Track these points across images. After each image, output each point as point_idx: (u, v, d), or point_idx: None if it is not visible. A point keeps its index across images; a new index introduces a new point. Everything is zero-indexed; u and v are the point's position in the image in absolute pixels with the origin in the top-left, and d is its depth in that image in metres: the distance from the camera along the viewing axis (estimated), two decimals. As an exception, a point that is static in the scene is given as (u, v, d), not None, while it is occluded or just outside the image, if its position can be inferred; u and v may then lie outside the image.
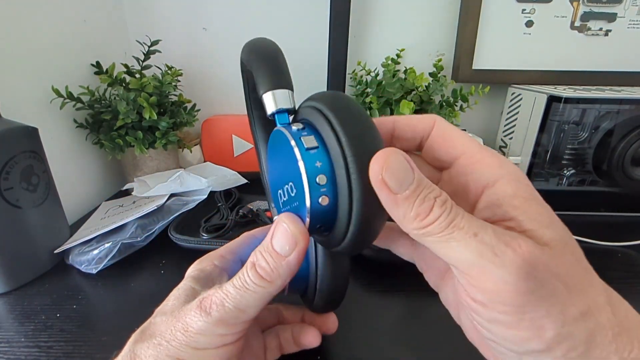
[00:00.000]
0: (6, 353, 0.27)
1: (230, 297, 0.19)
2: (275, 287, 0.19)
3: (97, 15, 0.56)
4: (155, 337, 0.19)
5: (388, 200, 0.15)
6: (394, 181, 0.15)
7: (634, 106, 0.45)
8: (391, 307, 0.32)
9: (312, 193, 0.16)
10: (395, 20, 0.63)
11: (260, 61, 0.21)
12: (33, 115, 0.43)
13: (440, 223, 0.14)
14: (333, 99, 0.17)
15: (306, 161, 0.16)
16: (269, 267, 0.19)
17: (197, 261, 0.24)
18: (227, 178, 0.55)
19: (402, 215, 0.15)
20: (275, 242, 0.19)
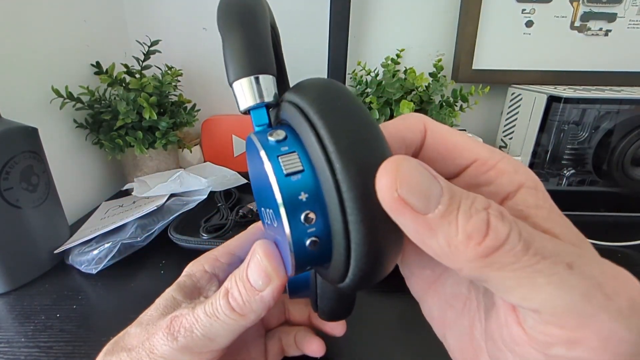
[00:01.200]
0: (6, 353, 0.27)
1: (199, 323, 0.17)
2: (249, 321, 0.17)
3: (97, 15, 0.56)
4: (124, 352, 0.18)
5: (417, 226, 0.10)
6: (417, 197, 0.10)
7: (634, 106, 0.45)
8: (391, 307, 0.32)
9: (295, 236, 0.12)
10: (395, 20, 0.63)
11: (229, 31, 0.15)
12: (33, 115, 0.43)
13: (514, 249, 0.10)
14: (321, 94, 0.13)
15: (286, 194, 0.12)
16: (241, 299, 0.17)
17: (191, 263, 0.23)
18: (227, 178, 0.55)
19: (446, 244, 0.10)
20: (250, 273, 0.17)
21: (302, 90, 0.13)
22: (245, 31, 0.15)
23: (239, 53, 0.15)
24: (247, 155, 0.17)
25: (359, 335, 0.29)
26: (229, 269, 0.23)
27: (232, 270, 0.23)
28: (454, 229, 0.10)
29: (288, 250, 0.13)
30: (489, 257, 0.10)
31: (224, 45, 0.15)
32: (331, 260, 0.13)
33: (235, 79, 0.15)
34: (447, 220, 0.10)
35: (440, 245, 0.10)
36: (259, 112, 0.15)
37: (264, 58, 0.15)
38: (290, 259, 0.13)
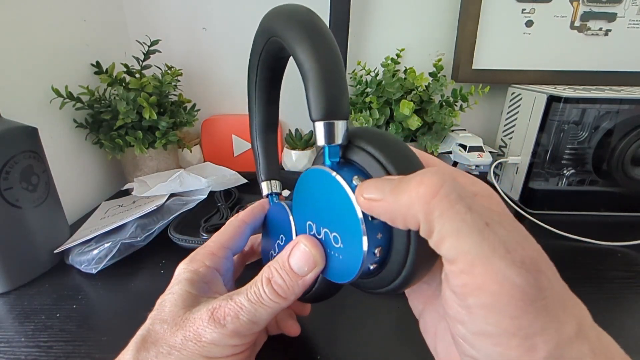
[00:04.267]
0: (6, 353, 0.27)
1: (245, 310, 0.19)
2: (289, 303, 0.20)
3: (97, 15, 0.56)
4: (162, 346, 0.19)
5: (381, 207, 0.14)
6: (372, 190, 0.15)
7: (633, 106, 0.45)
8: (391, 307, 0.32)
9: (365, 262, 0.16)
10: (395, 20, 0.63)
11: (319, 65, 0.16)
12: (33, 115, 0.43)
13: (449, 195, 0.13)
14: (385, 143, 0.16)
15: (369, 233, 0.15)
16: (286, 285, 0.19)
17: (187, 261, 0.23)
18: (226, 178, 0.55)
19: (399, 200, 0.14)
20: (293, 262, 0.19)
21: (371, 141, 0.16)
22: (336, 71, 0.17)
23: (330, 94, 0.16)
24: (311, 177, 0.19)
25: (359, 335, 0.29)
26: (226, 262, 0.24)
27: (228, 263, 0.24)
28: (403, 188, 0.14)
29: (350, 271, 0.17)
30: (431, 202, 0.13)
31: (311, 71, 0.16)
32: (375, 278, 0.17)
33: (321, 119, 0.16)
34: (397, 188, 0.14)
35: (399, 208, 0.14)
36: (334, 149, 0.17)
37: (346, 104, 0.17)
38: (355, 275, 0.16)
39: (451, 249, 0.13)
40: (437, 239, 0.13)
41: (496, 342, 0.12)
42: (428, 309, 0.19)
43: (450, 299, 0.13)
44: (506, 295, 0.12)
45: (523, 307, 0.12)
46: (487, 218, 0.13)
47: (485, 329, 0.12)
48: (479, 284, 0.12)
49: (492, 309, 0.12)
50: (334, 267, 0.18)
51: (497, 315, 0.12)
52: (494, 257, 0.12)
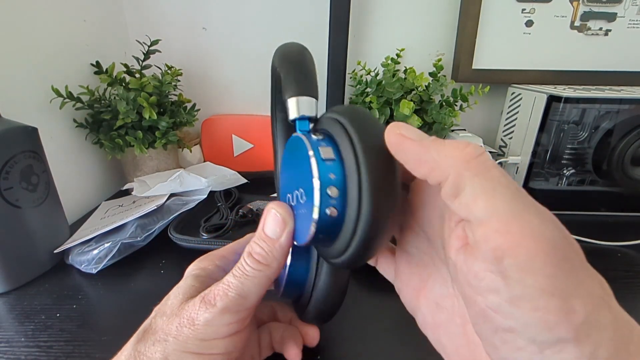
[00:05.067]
0: (6, 353, 0.27)
1: (232, 286, 0.20)
2: (272, 270, 0.20)
3: (97, 15, 0.56)
4: (158, 334, 0.19)
5: (414, 148, 0.14)
6: (413, 133, 0.15)
7: (633, 106, 0.45)
8: (391, 307, 0.32)
9: (321, 203, 0.16)
10: (395, 20, 0.63)
11: (289, 66, 0.22)
12: (33, 115, 0.43)
13: (486, 161, 0.13)
14: (354, 114, 0.17)
15: (321, 171, 0.16)
16: (264, 251, 0.20)
17: (197, 260, 0.24)
18: (226, 178, 0.55)
19: (436, 153, 0.14)
20: (266, 229, 0.20)
21: (338, 111, 0.18)
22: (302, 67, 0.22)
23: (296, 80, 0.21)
24: (286, 151, 0.21)
25: (358, 335, 0.29)
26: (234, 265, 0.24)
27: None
28: (443, 144, 0.14)
29: (311, 219, 0.17)
30: (470, 162, 0.13)
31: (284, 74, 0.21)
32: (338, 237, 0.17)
33: (290, 96, 0.20)
34: (437, 141, 0.14)
35: (433, 157, 0.14)
36: (303, 122, 0.20)
37: (312, 87, 0.21)
38: (312, 225, 0.17)
39: (485, 208, 0.12)
40: (468, 199, 0.13)
41: (535, 306, 0.12)
42: (422, 302, 0.19)
43: (479, 269, 0.13)
44: (542, 252, 0.12)
45: (558, 265, 0.12)
46: (516, 184, 0.13)
47: (523, 292, 0.12)
48: (515, 243, 0.12)
49: (530, 269, 0.12)
50: (300, 225, 0.19)
51: (534, 275, 0.11)
52: (529, 214, 0.12)
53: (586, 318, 0.11)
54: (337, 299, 0.24)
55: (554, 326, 0.12)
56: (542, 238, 0.12)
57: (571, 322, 0.11)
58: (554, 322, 0.11)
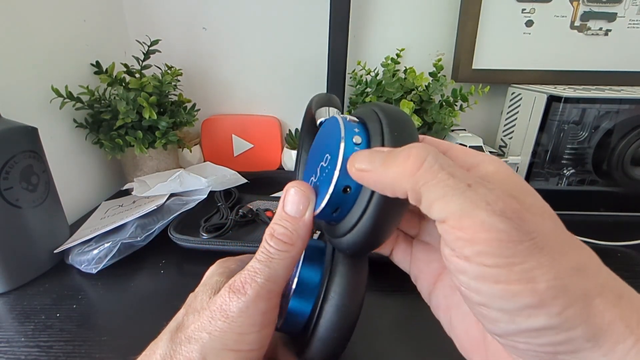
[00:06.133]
0: (6, 353, 0.27)
1: (258, 271, 0.19)
2: (297, 250, 0.20)
3: (97, 15, 0.56)
4: (192, 330, 0.18)
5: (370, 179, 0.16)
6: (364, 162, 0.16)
7: (633, 106, 0.45)
8: (391, 307, 0.32)
9: (340, 175, 0.17)
10: (395, 20, 0.63)
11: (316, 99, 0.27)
12: (33, 115, 0.43)
13: (432, 167, 0.14)
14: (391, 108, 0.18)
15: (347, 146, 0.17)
16: (288, 230, 0.19)
17: (219, 261, 0.24)
18: (226, 178, 0.55)
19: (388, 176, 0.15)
20: (288, 208, 0.19)
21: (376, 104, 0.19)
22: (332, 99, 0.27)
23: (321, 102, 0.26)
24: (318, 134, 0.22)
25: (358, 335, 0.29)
26: None
27: None
28: (390, 165, 0.15)
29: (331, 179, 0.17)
30: (415, 175, 0.14)
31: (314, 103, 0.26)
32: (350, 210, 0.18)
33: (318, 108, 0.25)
34: (385, 165, 0.15)
35: (388, 180, 0.15)
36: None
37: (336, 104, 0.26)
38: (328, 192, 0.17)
39: (440, 211, 0.14)
40: (426, 206, 0.15)
41: (497, 280, 0.13)
42: (439, 286, 0.20)
43: (449, 255, 0.14)
44: (495, 240, 0.13)
45: (513, 248, 0.13)
46: (468, 180, 0.14)
47: (484, 271, 0.13)
48: (469, 235, 0.13)
49: (487, 253, 0.13)
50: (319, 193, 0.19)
51: (492, 257, 0.13)
52: (476, 210, 0.13)
53: (550, 284, 0.13)
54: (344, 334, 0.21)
55: (517, 294, 0.13)
56: (493, 229, 0.13)
57: (534, 289, 0.13)
58: (516, 290, 0.13)
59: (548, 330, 0.13)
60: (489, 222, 0.13)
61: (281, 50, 0.65)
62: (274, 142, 0.67)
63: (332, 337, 0.20)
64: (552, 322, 0.13)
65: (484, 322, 0.15)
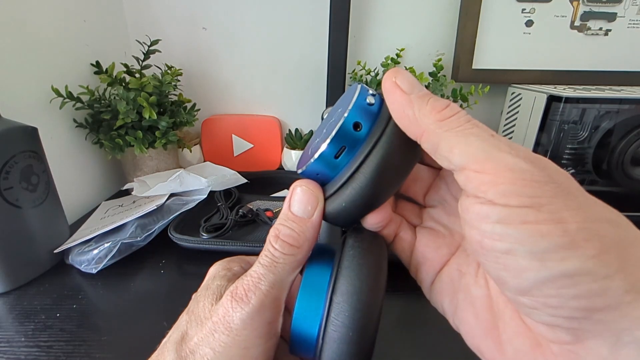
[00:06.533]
0: (6, 353, 0.27)
1: (262, 277, 0.17)
2: (304, 253, 0.18)
3: (97, 15, 0.56)
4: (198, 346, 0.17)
5: (401, 99, 0.15)
6: (405, 84, 0.16)
7: (633, 106, 0.45)
8: (392, 307, 0.32)
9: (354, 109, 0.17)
10: (395, 20, 0.63)
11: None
12: (33, 115, 0.43)
13: (460, 118, 0.14)
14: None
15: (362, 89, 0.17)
16: (295, 232, 0.18)
17: (221, 261, 0.22)
18: (226, 178, 0.55)
19: (417, 110, 0.15)
20: (294, 208, 0.18)
21: None
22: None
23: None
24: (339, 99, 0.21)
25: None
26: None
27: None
28: (424, 103, 0.15)
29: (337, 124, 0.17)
30: (444, 121, 0.14)
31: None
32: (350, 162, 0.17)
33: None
34: (422, 99, 0.15)
35: (414, 112, 0.15)
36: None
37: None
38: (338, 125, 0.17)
39: (462, 156, 0.14)
40: (445, 151, 0.14)
41: (524, 220, 0.12)
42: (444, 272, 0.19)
43: (470, 204, 0.14)
44: (520, 179, 0.12)
45: (539, 188, 0.12)
46: (491, 132, 0.14)
47: (510, 212, 0.12)
48: (493, 177, 0.13)
49: (512, 193, 0.12)
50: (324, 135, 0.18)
51: (517, 197, 0.12)
52: (501, 153, 0.13)
53: (581, 226, 0.12)
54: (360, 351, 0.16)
55: (547, 233, 0.12)
56: (517, 169, 0.13)
57: (565, 230, 0.12)
58: (546, 230, 0.12)
59: (583, 276, 0.12)
60: (513, 162, 0.13)
61: (281, 50, 0.65)
62: (274, 142, 0.67)
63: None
64: (587, 265, 0.11)
65: (508, 279, 0.13)
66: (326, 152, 0.17)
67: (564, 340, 0.13)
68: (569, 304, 0.12)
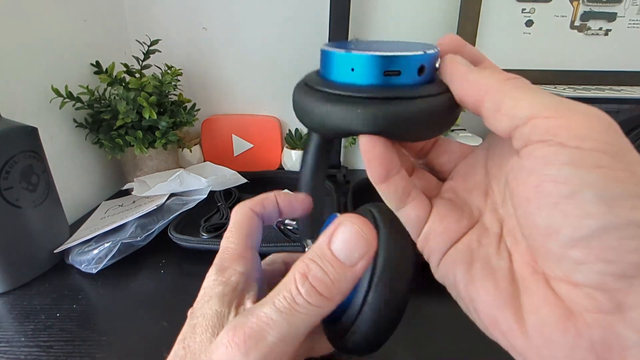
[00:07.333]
0: (6, 352, 0.27)
1: (273, 324, 0.14)
2: (333, 305, 0.15)
3: (97, 15, 0.56)
4: None
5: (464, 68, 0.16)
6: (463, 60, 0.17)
7: (634, 106, 0.45)
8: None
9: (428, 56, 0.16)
10: (395, 20, 0.63)
11: None
12: (33, 115, 0.43)
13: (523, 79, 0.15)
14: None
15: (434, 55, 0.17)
16: (330, 279, 0.14)
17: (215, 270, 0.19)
18: (226, 178, 0.55)
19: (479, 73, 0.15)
20: (337, 247, 0.15)
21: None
22: None
23: None
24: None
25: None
26: (255, 263, 0.20)
27: (258, 264, 0.20)
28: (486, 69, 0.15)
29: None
30: (509, 80, 0.14)
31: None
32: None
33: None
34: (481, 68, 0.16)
35: (475, 77, 0.15)
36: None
37: None
38: (416, 52, 0.16)
39: (529, 106, 0.13)
40: (510, 106, 0.14)
41: (597, 164, 0.11)
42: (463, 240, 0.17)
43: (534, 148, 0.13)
44: (596, 123, 0.12)
45: (614, 136, 0.12)
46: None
47: (583, 154, 0.12)
48: (569, 120, 0.12)
49: (586, 136, 0.12)
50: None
51: (592, 141, 0.12)
52: (575, 104, 0.13)
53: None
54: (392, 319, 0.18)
55: (622, 180, 0.11)
56: (593, 115, 0.12)
57: (638, 181, 0.11)
58: (622, 176, 0.11)
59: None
60: (590, 109, 0.13)
61: (281, 50, 0.65)
62: (274, 142, 0.67)
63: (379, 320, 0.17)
64: None
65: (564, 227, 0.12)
66: (394, 59, 0.15)
67: (604, 308, 0.12)
68: (627, 258, 0.11)
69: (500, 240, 0.16)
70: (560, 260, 0.13)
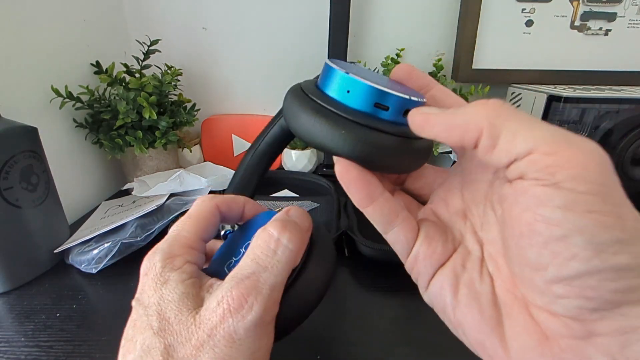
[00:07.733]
0: (6, 352, 0.27)
1: (262, 281, 0.16)
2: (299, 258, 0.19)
3: (97, 15, 0.56)
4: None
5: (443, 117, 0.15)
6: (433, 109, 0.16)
7: (633, 106, 0.45)
8: (391, 307, 0.32)
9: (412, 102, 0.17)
10: (395, 20, 0.63)
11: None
12: (33, 115, 0.43)
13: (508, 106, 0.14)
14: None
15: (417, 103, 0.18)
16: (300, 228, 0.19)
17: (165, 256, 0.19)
18: (226, 178, 0.55)
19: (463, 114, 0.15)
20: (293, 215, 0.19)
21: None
22: None
23: None
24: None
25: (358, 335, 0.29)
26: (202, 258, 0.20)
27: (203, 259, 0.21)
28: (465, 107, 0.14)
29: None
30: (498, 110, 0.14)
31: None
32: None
33: None
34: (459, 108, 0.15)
35: (462, 120, 0.14)
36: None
37: None
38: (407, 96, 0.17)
39: (527, 140, 0.13)
40: (507, 141, 0.13)
41: (589, 209, 0.12)
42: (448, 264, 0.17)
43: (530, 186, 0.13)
44: (594, 163, 0.12)
45: (609, 177, 0.12)
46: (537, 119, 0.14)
47: (576, 197, 0.12)
48: (566, 158, 0.12)
49: (582, 177, 0.12)
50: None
51: (587, 183, 0.12)
52: (573, 137, 0.13)
53: (635, 225, 0.12)
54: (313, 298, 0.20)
55: (610, 226, 0.12)
56: (591, 153, 0.12)
57: (624, 225, 0.12)
58: (610, 222, 0.12)
59: (628, 272, 0.12)
60: (589, 146, 0.12)
61: (281, 50, 0.65)
62: (274, 142, 0.67)
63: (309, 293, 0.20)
64: (636, 262, 0.12)
65: (551, 265, 0.13)
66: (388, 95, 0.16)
67: (576, 334, 0.13)
68: (604, 297, 0.12)
69: (482, 265, 0.17)
70: (543, 293, 0.14)
